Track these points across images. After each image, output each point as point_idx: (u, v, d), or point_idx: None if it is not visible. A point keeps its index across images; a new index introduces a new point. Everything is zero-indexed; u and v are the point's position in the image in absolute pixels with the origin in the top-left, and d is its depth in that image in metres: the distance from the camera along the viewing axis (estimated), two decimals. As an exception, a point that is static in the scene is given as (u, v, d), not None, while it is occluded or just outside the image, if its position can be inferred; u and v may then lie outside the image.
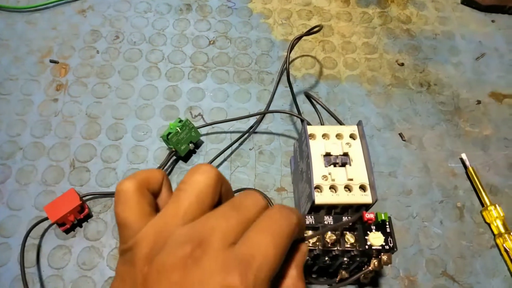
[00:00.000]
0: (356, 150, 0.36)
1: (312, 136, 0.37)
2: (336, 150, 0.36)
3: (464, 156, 0.47)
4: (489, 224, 0.44)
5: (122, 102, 0.50)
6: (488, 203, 0.44)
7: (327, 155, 0.36)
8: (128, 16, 0.58)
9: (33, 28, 0.56)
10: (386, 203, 0.45)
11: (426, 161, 0.48)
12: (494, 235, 0.43)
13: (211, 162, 0.45)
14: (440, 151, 0.48)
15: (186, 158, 0.47)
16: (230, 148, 0.47)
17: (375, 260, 0.33)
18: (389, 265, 0.35)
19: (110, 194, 0.44)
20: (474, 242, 0.43)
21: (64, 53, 0.54)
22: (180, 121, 0.45)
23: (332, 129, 0.38)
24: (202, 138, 0.48)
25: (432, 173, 0.47)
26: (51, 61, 0.53)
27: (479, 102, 0.53)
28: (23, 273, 0.38)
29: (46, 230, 0.42)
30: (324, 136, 0.38)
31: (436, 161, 0.48)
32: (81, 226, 0.42)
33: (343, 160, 0.36)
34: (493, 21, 0.60)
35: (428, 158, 0.48)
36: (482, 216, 0.45)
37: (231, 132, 0.49)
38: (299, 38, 0.43)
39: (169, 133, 0.43)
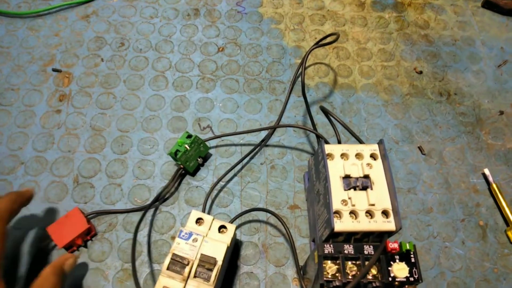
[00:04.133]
0: (377, 172, 0.34)
1: (330, 156, 0.35)
2: (356, 172, 0.34)
3: (487, 171, 0.45)
4: (514, 245, 0.42)
5: (128, 113, 0.48)
6: (514, 222, 0.42)
7: (347, 177, 0.34)
8: (134, 21, 0.56)
9: (35, 34, 0.54)
10: (406, 222, 0.42)
11: (446, 177, 0.45)
12: (520, 257, 0.41)
13: (221, 178, 0.43)
14: (461, 165, 0.46)
15: (193, 172, 0.45)
16: (241, 162, 0.45)
17: (398, 291, 0.31)
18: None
19: (116, 212, 0.42)
20: (499, 264, 0.41)
21: (67, 61, 0.52)
22: (188, 136, 0.42)
23: (351, 148, 0.36)
24: (211, 151, 0.46)
25: (453, 189, 0.45)
26: (54, 70, 0.51)
27: (501, 112, 0.50)
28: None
29: (49, 251, 0.40)
30: (343, 156, 0.35)
31: (457, 177, 0.45)
32: (86, 247, 0.40)
33: (364, 183, 0.33)
34: (515, 25, 0.58)
35: (449, 173, 0.45)
36: (507, 236, 0.42)
37: (241, 145, 0.47)
38: (312, 49, 0.41)
39: (177, 151, 0.41)
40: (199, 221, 0.36)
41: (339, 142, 0.40)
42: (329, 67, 0.53)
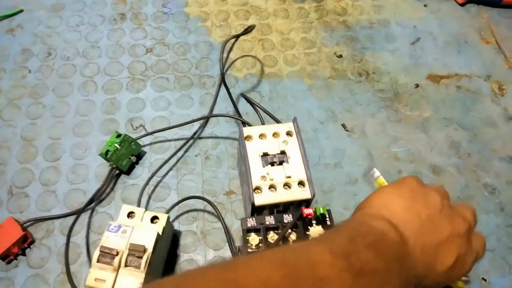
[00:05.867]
0: (292, 147, 0.36)
1: (249, 137, 0.37)
2: (273, 149, 0.36)
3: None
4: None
5: (58, 121, 0.48)
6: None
7: (265, 155, 0.36)
8: (60, 31, 0.56)
9: (-43, 52, 0.53)
10: (334, 194, 0.45)
11: (369, 149, 0.48)
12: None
13: (155, 172, 0.44)
14: (382, 137, 0.49)
15: (128, 171, 0.46)
16: (175, 156, 0.47)
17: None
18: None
19: (51, 218, 0.42)
20: (421, 223, 0.44)
21: (-7, 75, 0.52)
22: (118, 135, 0.43)
23: (269, 128, 0.38)
24: (145, 148, 0.47)
25: (376, 159, 0.48)
26: (-21, 85, 0.50)
27: (417, 85, 0.54)
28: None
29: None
30: (261, 136, 0.37)
31: (379, 148, 0.49)
32: (24, 255, 0.40)
33: (280, 159, 0.36)
34: (425, 5, 0.62)
35: (371, 146, 0.49)
36: (427, 197, 0.46)
37: (175, 140, 0.48)
38: (230, 39, 0.43)
39: (107, 151, 0.42)
40: (130, 214, 0.37)
41: (263, 124, 0.42)
42: (256, 59, 0.55)
